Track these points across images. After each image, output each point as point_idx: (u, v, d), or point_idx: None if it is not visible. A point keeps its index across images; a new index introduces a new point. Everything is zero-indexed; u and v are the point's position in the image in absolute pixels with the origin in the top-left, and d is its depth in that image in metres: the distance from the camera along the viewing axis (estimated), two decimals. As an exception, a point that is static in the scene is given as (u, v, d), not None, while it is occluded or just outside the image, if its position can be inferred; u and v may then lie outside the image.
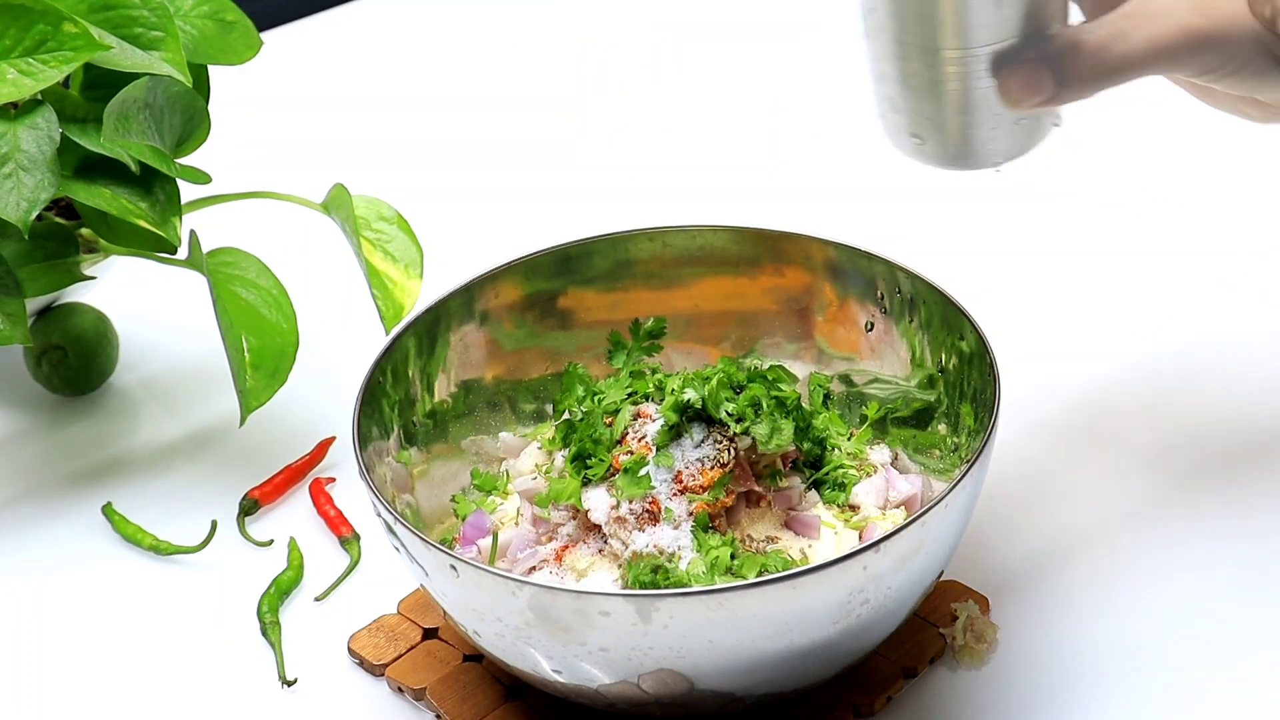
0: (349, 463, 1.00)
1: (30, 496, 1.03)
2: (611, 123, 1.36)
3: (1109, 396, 1.04)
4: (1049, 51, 0.81)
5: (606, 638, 0.76)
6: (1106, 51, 0.80)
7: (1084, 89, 0.81)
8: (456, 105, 1.40)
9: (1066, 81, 0.81)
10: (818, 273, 0.96)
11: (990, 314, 0.90)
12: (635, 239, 0.97)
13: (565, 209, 1.25)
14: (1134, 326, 1.10)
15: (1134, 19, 0.80)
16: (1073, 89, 0.81)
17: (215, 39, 1.03)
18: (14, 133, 0.94)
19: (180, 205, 0.98)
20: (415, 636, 0.90)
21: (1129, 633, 0.88)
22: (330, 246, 1.09)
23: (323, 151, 1.34)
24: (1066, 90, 0.81)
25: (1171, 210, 1.21)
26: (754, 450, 0.86)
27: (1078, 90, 0.81)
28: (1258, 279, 1.14)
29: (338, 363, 1.07)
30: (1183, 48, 0.80)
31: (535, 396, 0.97)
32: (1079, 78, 0.81)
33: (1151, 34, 0.80)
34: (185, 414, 1.08)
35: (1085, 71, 0.80)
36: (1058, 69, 0.80)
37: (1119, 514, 0.96)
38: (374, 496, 0.82)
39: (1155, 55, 0.80)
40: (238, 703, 0.89)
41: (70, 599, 0.96)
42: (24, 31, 0.93)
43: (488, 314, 0.95)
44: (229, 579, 0.96)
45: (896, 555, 0.78)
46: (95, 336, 1.08)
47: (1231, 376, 1.05)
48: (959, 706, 0.85)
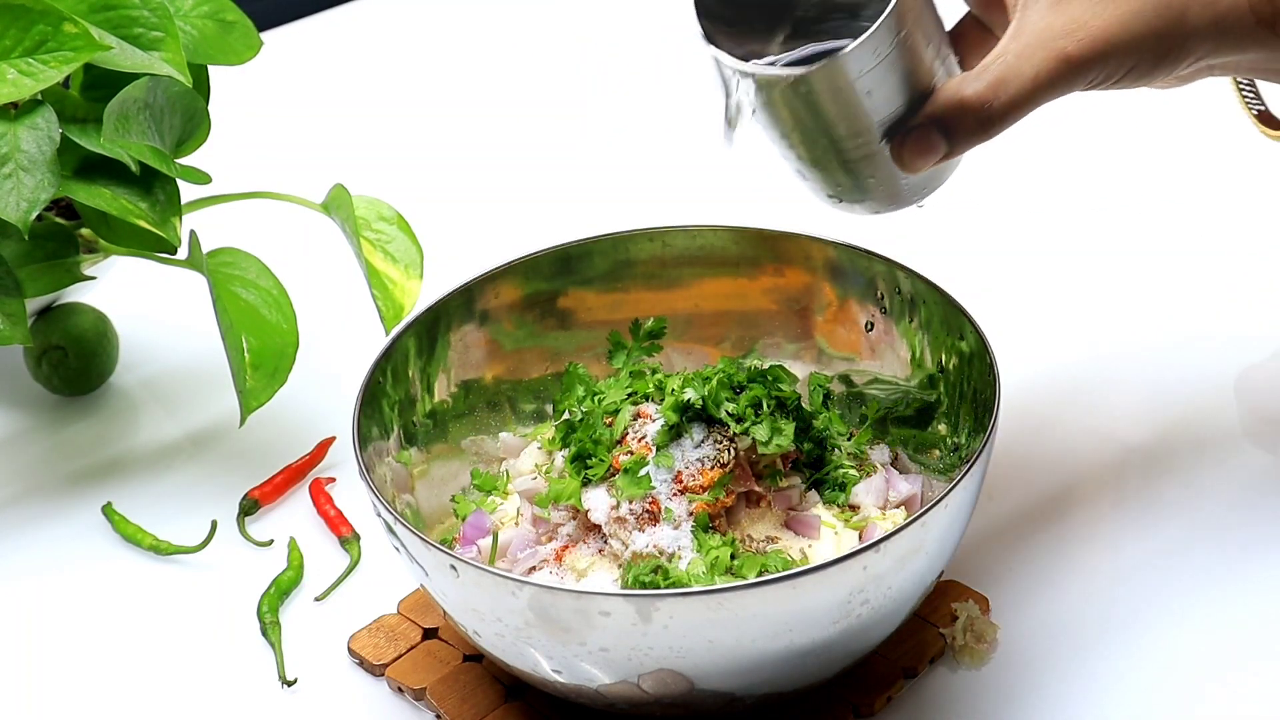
0: (349, 463, 1.00)
1: (30, 496, 1.03)
2: (611, 123, 1.36)
3: (1109, 396, 1.04)
4: (934, 113, 0.80)
5: (606, 638, 0.76)
6: (991, 104, 0.80)
7: (976, 140, 0.81)
8: (456, 105, 1.40)
9: (957, 138, 0.81)
10: (818, 273, 0.96)
11: (990, 314, 0.90)
12: (635, 239, 0.97)
13: (565, 209, 1.25)
14: (1134, 326, 1.10)
15: (1009, 63, 0.80)
16: (965, 143, 0.81)
17: (215, 39, 1.03)
18: (14, 133, 0.94)
19: (180, 205, 0.98)
20: (415, 636, 0.90)
21: (1129, 632, 0.88)
22: (330, 246, 1.09)
23: (323, 151, 1.34)
24: (959, 146, 0.81)
25: (1171, 210, 1.21)
26: (754, 450, 0.86)
27: (970, 143, 0.81)
28: (1258, 279, 1.14)
29: (338, 363, 1.07)
30: (1064, 77, 0.80)
31: (535, 396, 0.97)
32: (968, 132, 0.81)
33: (1031, 74, 0.80)
34: (185, 414, 1.08)
35: (973, 126, 0.80)
36: (946, 129, 0.80)
37: (1119, 514, 0.96)
38: (374, 496, 0.82)
39: (1039, 93, 0.80)
40: (238, 703, 0.89)
41: (70, 599, 0.96)
42: (24, 32, 0.93)
43: (488, 314, 0.95)
44: (229, 579, 0.96)
45: (896, 555, 0.78)
46: (95, 336, 1.08)
47: (1231, 376, 1.05)
48: (959, 706, 0.85)
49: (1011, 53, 0.80)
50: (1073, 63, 0.80)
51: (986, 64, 0.80)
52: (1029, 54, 0.80)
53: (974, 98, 0.80)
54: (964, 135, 0.80)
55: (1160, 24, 0.81)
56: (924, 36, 0.79)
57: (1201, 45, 0.82)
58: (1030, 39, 0.80)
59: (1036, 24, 0.80)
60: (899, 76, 0.79)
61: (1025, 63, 0.80)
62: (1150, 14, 0.80)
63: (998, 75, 0.80)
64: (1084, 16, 0.80)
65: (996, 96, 0.80)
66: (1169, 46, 0.81)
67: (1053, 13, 0.80)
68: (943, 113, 0.80)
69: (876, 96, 0.79)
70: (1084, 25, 0.80)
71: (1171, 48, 0.81)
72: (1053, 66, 0.80)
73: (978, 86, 0.80)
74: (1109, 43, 0.80)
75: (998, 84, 0.80)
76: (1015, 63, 0.80)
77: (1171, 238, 1.18)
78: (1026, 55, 0.80)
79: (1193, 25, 0.81)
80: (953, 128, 0.80)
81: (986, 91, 0.80)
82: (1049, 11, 0.81)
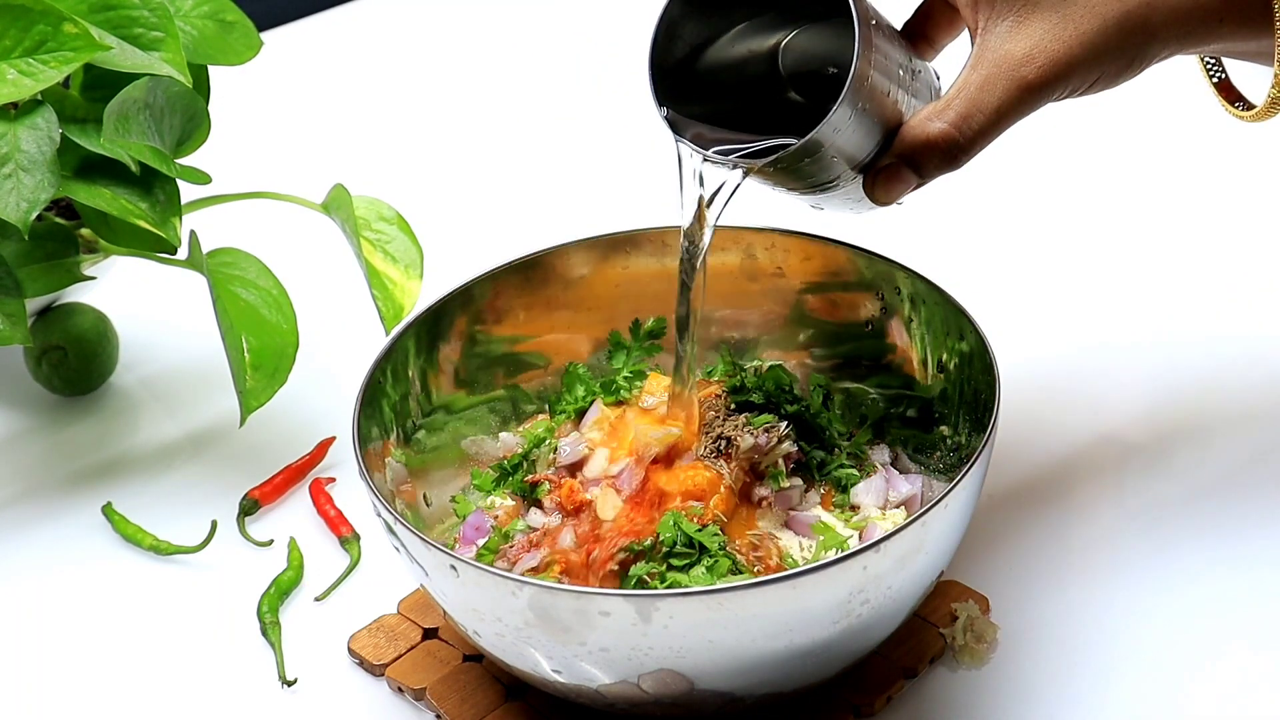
0: (349, 463, 1.00)
1: (30, 496, 1.03)
2: (611, 123, 1.36)
3: (1109, 397, 1.04)
4: (902, 152, 0.82)
5: (606, 638, 0.76)
6: (957, 139, 0.81)
7: (945, 171, 0.82)
8: (456, 105, 1.40)
9: (927, 172, 0.82)
10: (818, 273, 0.96)
11: (990, 314, 0.90)
12: (635, 239, 0.97)
13: (565, 209, 1.25)
14: (1134, 326, 1.10)
15: (972, 95, 0.81)
16: (934, 174, 0.82)
17: (215, 39, 1.03)
18: (14, 133, 0.94)
19: (180, 205, 0.98)
20: (415, 636, 0.90)
21: (1129, 632, 0.88)
22: (330, 246, 1.09)
23: (323, 151, 1.34)
24: (929, 177, 0.82)
25: (1172, 210, 1.21)
26: (756, 451, 0.86)
27: (940, 173, 0.82)
28: (1258, 278, 1.14)
29: (338, 363, 1.07)
30: (1027, 103, 0.81)
31: (535, 396, 0.97)
32: (938, 167, 0.82)
33: (995, 105, 0.81)
34: (185, 414, 1.08)
35: (942, 161, 0.82)
36: (914, 165, 0.82)
37: (1119, 514, 0.96)
38: (374, 496, 0.82)
39: (1003, 121, 0.82)
40: (238, 703, 0.89)
41: (70, 599, 0.96)
42: (24, 32, 0.93)
43: (488, 314, 0.95)
44: (229, 579, 0.96)
45: (896, 555, 0.78)
46: (95, 336, 1.08)
47: (1232, 375, 1.05)
48: (959, 706, 0.85)
49: (973, 85, 0.82)
50: (1034, 89, 0.81)
51: (950, 98, 0.82)
52: (990, 85, 0.81)
53: (940, 135, 0.81)
54: (933, 169, 0.82)
55: (1124, 38, 0.81)
56: (884, 80, 0.80)
57: (1166, 48, 0.83)
58: (991, 68, 0.81)
59: (997, 51, 0.81)
60: (865, 130, 0.81)
61: (988, 95, 0.81)
62: (1113, 29, 0.81)
63: (961, 111, 0.81)
64: (1044, 41, 0.81)
65: (961, 132, 0.81)
66: (1133, 57, 0.82)
67: (1012, 38, 0.81)
68: (910, 151, 0.82)
69: (846, 150, 0.81)
70: (1044, 50, 0.81)
71: (1136, 57, 0.82)
72: (1014, 95, 0.81)
73: (942, 125, 0.81)
74: (1070, 64, 0.81)
75: (961, 120, 0.81)
76: (978, 95, 0.81)
77: (1172, 237, 1.18)
78: (988, 87, 0.81)
79: (1156, 31, 0.82)
80: (921, 164, 0.82)
81: (951, 129, 0.81)
82: (1008, 37, 0.81)
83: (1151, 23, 0.82)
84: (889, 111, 0.81)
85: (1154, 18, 0.82)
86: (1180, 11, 0.82)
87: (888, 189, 0.82)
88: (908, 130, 0.82)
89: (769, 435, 0.87)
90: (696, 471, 0.85)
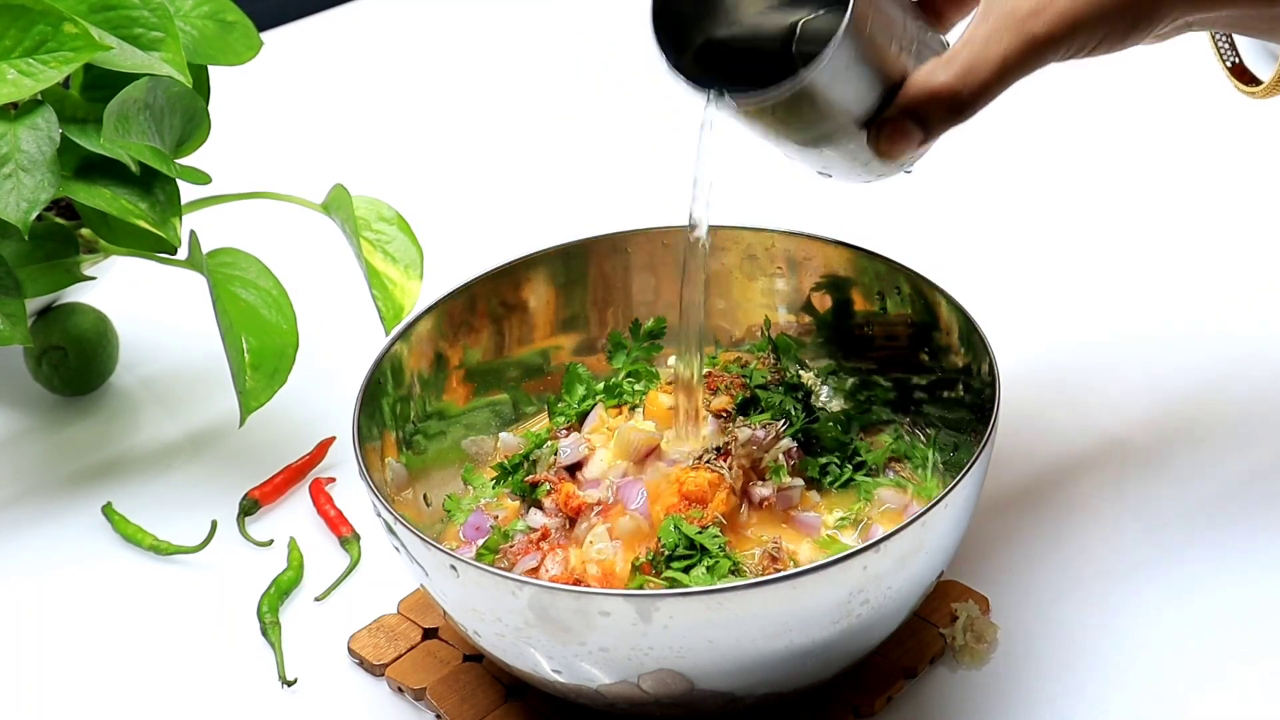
0: (349, 463, 1.00)
1: (30, 496, 1.03)
2: (611, 123, 1.36)
3: (1109, 396, 1.04)
4: (906, 104, 0.81)
5: (607, 638, 0.76)
6: (960, 91, 0.80)
7: (951, 125, 0.81)
8: (456, 105, 1.40)
9: (931, 126, 0.81)
10: (817, 273, 0.96)
11: (990, 314, 0.90)
12: (635, 239, 0.97)
13: (565, 209, 1.25)
14: (1134, 326, 1.10)
15: (976, 48, 0.80)
16: (940, 129, 0.81)
17: (215, 39, 1.03)
18: (14, 133, 0.94)
19: (180, 205, 0.98)
20: (415, 636, 0.90)
21: (1129, 632, 0.88)
22: (330, 247, 1.09)
23: (323, 151, 1.34)
24: (935, 132, 0.81)
25: (1173, 210, 1.21)
26: (754, 443, 0.86)
27: (945, 128, 0.81)
28: (1258, 278, 1.14)
29: (338, 363, 1.07)
30: (1032, 58, 0.80)
31: (535, 397, 0.97)
32: (942, 119, 0.81)
33: (999, 57, 0.80)
34: (185, 414, 1.08)
35: (946, 113, 0.80)
36: (919, 118, 0.81)
37: (1119, 514, 0.96)
38: (374, 496, 0.82)
39: (1008, 75, 0.80)
40: (238, 703, 0.89)
41: (70, 599, 0.96)
42: (24, 32, 0.93)
43: (487, 314, 0.95)
44: (229, 579, 0.96)
45: (896, 555, 0.78)
46: (95, 336, 1.08)
47: (1232, 375, 1.05)
48: (959, 706, 0.85)
49: (979, 38, 0.80)
50: (1040, 42, 0.80)
51: (956, 50, 0.81)
52: (996, 37, 0.80)
53: (943, 87, 0.80)
54: (938, 122, 0.81)
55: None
56: (885, 34, 0.79)
57: (1175, 9, 0.81)
58: (997, 21, 0.80)
59: (1005, 4, 0.80)
60: (866, 80, 0.80)
61: (993, 47, 0.80)
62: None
63: (966, 63, 0.80)
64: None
65: (965, 84, 0.80)
66: (1140, 14, 0.81)
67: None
68: (914, 103, 0.81)
69: (847, 99, 0.80)
70: (1053, 3, 0.80)
71: (1142, 15, 0.81)
72: (1020, 48, 0.80)
73: (946, 76, 0.80)
74: (1077, 19, 0.80)
75: (966, 71, 0.80)
76: (982, 48, 0.80)
77: (1172, 237, 1.18)
78: (994, 39, 0.80)
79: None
80: (926, 116, 0.81)
81: (955, 80, 0.80)
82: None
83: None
84: (891, 65, 0.80)
85: None
86: None
87: (891, 143, 0.81)
88: (911, 83, 0.80)
89: (767, 430, 0.87)
90: (697, 474, 0.85)
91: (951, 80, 0.80)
